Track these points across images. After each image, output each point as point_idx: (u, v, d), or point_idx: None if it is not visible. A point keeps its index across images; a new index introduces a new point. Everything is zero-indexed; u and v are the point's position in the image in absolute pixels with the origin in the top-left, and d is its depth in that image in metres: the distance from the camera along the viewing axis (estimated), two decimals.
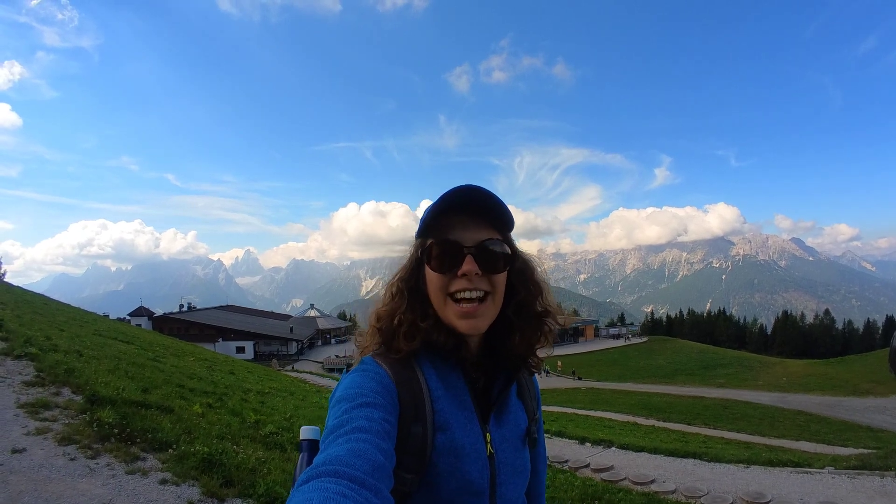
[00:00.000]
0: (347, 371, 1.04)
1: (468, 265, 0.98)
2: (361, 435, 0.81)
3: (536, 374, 1.24)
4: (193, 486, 4.06)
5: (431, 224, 1.03)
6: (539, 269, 1.12)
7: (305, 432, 1.00)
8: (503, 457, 1.03)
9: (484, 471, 0.98)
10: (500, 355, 1.09)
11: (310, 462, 0.81)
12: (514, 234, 1.11)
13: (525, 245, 1.12)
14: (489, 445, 1.01)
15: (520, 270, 1.08)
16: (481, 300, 0.99)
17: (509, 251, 1.04)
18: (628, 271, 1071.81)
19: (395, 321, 1.04)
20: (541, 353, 1.12)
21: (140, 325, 44.13)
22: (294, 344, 59.04)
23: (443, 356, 1.04)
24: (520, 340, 1.07)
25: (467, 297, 0.99)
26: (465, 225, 1.02)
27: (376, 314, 1.08)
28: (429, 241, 1.02)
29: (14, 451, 4.16)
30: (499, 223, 1.05)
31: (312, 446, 0.97)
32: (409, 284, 1.06)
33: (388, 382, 0.97)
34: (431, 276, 1.02)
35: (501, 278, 1.03)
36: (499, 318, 1.05)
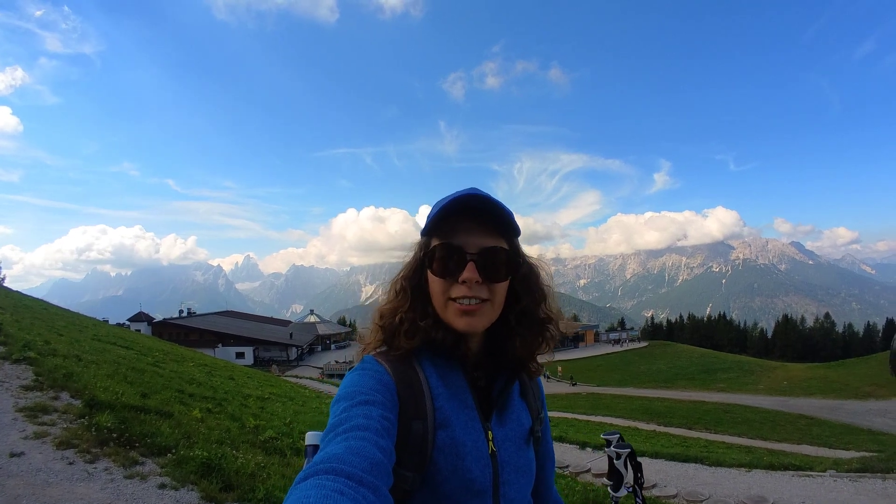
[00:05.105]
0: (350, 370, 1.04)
1: (469, 273, 0.97)
2: (360, 433, 0.81)
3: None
4: (192, 490, 4.05)
5: (437, 225, 1.02)
6: (544, 274, 1.11)
7: (311, 438, 0.98)
8: (506, 455, 1.02)
9: (486, 469, 0.98)
10: (500, 357, 1.09)
11: None
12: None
13: (524, 251, 1.12)
14: (491, 444, 1.00)
15: (524, 277, 1.07)
16: (480, 302, 0.99)
17: (513, 260, 1.03)
18: (628, 276, 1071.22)
19: (397, 319, 1.04)
20: (541, 359, 1.12)
21: (139, 331, 43.99)
22: (294, 349, 58.82)
23: (443, 354, 1.04)
24: (520, 345, 1.06)
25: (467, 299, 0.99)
26: (471, 230, 1.01)
27: (379, 311, 1.09)
28: (433, 244, 1.02)
29: (12, 455, 4.14)
30: (505, 230, 1.04)
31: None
32: (413, 282, 1.06)
33: (387, 380, 0.97)
34: (433, 279, 1.02)
35: (502, 286, 1.02)
36: (500, 321, 1.05)
